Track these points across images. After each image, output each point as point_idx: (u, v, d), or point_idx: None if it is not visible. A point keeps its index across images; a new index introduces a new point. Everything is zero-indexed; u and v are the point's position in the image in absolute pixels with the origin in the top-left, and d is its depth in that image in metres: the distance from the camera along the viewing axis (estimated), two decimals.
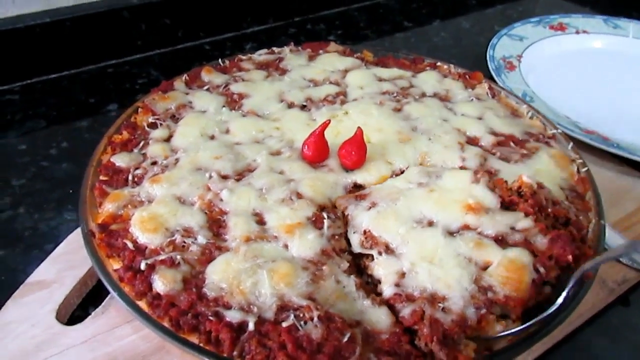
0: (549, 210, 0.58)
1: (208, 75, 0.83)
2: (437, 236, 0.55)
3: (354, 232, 0.58)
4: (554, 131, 0.74)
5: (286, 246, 0.56)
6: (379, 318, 0.50)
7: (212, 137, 0.71)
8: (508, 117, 0.77)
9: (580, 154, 0.70)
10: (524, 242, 0.55)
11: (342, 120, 0.73)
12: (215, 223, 0.58)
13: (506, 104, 0.80)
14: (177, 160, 0.66)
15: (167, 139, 0.71)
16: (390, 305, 0.51)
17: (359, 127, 0.65)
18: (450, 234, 0.56)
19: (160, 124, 0.73)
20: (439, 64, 0.88)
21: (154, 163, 0.67)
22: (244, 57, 0.89)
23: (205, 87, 0.80)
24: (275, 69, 0.86)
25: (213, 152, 0.67)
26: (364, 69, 0.85)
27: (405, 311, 0.50)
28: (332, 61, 0.87)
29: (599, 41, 1.22)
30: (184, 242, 0.55)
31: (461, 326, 0.49)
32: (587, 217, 0.61)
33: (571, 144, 0.72)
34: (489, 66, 1.06)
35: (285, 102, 0.78)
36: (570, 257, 0.53)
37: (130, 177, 0.65)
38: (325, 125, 0.66)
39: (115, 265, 0.55)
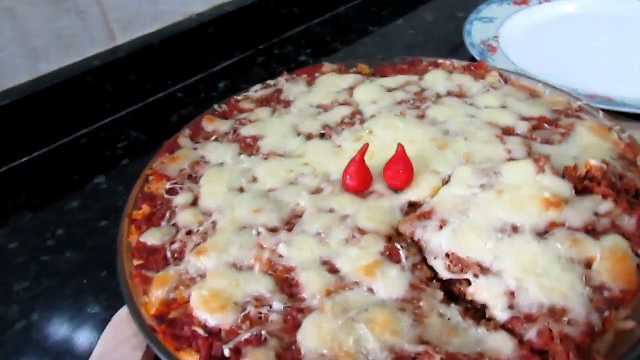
0: (619, 186, 0.56)
1: (211, 124, 0.77)
2: (529, 242, 0.51)
3: (434, 258, 0.54)
4: (579, 103, 0.72)
5: (371, 290, 0.51)
6: (501, 344, 0.46)
7: (242, 190, 0.65)
8: (529, 99, 0.75)
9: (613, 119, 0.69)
10: (612, 226, 0.52)
11: (369, 139, 0.69)
12: (285, 283, 0.53)
13: (521, 87, 0.78)
14: (214, 223, 0.60)
15: (194, 203, 0.65)
16: (509, 329, 0.47)
17: (399, 144, 0.61)
18: (540, 236, 0.52)
19: (180, 188, 0.66)
20: (440, 61, 0.85)
21: (190, 232, 0.60)
22: (239, 98, 0.83)
23: (213, 138, 0.75)
24: (277, 102, 0.81)
25: (250, 206, 0.61)
26: (368, 83, 0.82)
27: (531, 333, 0.46)
28: (332, 82, 0.83)
29: (571, 5, 1.22)
30: (260, 313, 0.50)
31: (590, 335, 0.45)
32: None
33: (601, 112, 0.70)
34: (472, 53, 1.05)
35: (303, 135, 0.73)
36: None
37: (169, 255, 0.58)
38: (364, 149, 0.62)
39: (189, 358, 0.49)
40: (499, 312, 0.48)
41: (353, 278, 0.52)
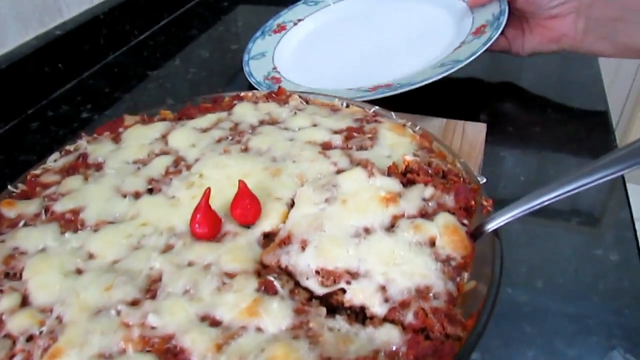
0: (430, 172, 0.66)
1: (12, 208, 0.66)
2: (383, 238, 0.57)
3: (306, 279, 0.55)
4: (373, 109, 0.83)
5: (260, 329, 0.50)
6: (389, 335, 0.50)
7: (80, 271, 0.58)
8: (332, 114, 0.82)
9: (403, 117, 0.81)
10: (439, 206, 0.61)
11: (203, 183, 0.68)
12: (169, 354, 0.49)
13: (322, 104, 0.86)
14: (59, 318, 0.52)
15: (23, 303, 0.55)
16: (390, 320, 0.52)
17: (240, 181, 0.62)
18: (389, 230, 0.58)
19: (0, 291, 0.56)
20: (242, 94, 0.88)
21: (31, 338, 0.51)
22: (38, 172, 0.73)
23: (21, 223, 0.64)
24: (86, 167, 0.73)
25: (98, 286, 0.55)
26: (180, 128, 0.80)
27: (409, 317, 0.51)
28: (141, 134, 0.79)
29: (312, 23, 1.35)
30: None
31: (452, 302, 0.53)
32: (446, 162, 0.72)
33: (392, 113, 0.82)
34: (262, 90, 1.11)
35: (129, 195, 0.68)
36: (473, 202, 0.62)
37: None
38: (207, 194, 0.60)
39: None
40: (378, 308, 0.53)
41: (238, 324, 0.51)
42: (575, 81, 1.27)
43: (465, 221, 0.60)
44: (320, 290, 0.55)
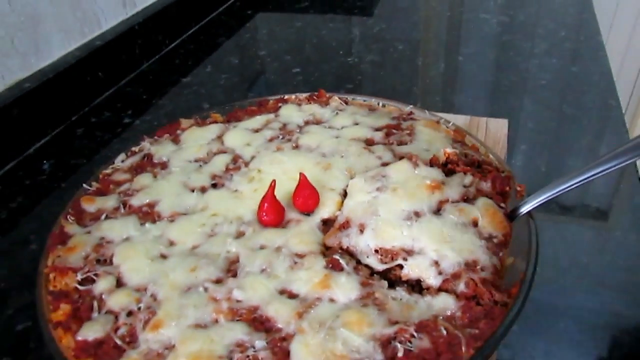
0: (468, 162, 0.74)
1: (91, 204, 0.74)
2: (432, 220, 0.64)
3: (367, 257, 0.63)
4: (408, 108, 0.90)
5: (332, 300, 0.58)
6: (445, 303, 0.58)
7: (164, 256, 0.65)
8: (371, 114, 0.90)
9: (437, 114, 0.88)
10: (478, 191, 0.69)
11: (262, 178, 0.75)
12: (257, 322, 0.56)
13: (361, 105, 0.94)
14: (153, 296, 0.60)
15: (118, 284, 0.63)
16: (444, 290, 0.59)
17: (301, 173, 0.70)
18: (437, 213, 0.66)
19: (96, 275, 0.63)
20: (285, 97, 0.96)
21: (131, 313, 0.59)
22: (108, 171, 0.81)
23: (103, 216, 0.72)
24: (152, 166, 0.81)
25: (184, 268, 0.62)
26: (233, 129, 0.87)
27: (461, 287, 0.58)
28: (198, 135, 0.87)
29: None
30: (248, 356, 0.53)
31: (497, 273, 0.60)
32: (480, 154, 0.79)
33: (426, 111, 0.89)
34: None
35: (197, 190, 0.75)
36: (507, 188, 0.70)
37: (119, 342, 0.56)
38: (273, 186, 0.68)
39: None
40: (433, 280, 0.60)
41: (313, 295, 0.58)
42: (586, 78, 1.34)
43: (502, 204, 0.68)
44: (379, 267, 0.62)
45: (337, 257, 0.62)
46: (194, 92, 1.37)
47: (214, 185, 0.77)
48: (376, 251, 0.63)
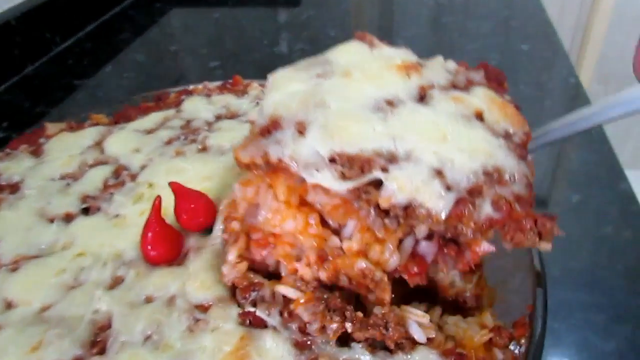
0: None
1: None
2: (417, 110, 0.41)
3: (316, 171, 0.38)
4: None
5: None
6: None
7: None
8: None
9: None
10: (468, 81, 0.46)
11: (154, 195, 0.53)
12: None
13: None
14: None
15: None
16: (456, 221, 0.37)
17: (171, 183, 0.48)
18: (422, 101, 0.43)
19: None
20: (191, 87, 0.74)
21: None
22: None
23: None
24: None
25: (21, 347, 0.40)
26: (118, 132, 0.65)
27: (486, 209, 0.37)
28: (69, 143, 0.63)
29: None
30: None
31: (530, 187, 0.39)
32: None
33: None
34: None
35: (58, 219, 0.53)
36: (505, 83, 0.49)
37: None
38: (158, 206, 0.46)
39: None
40: (436, 202, 0.36)
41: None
42: (540, 56, 1.22)
43: (506, 97, 0.46)
44: (340, 186, 0.38)
45: (251, 308, 0.41)
46: (89, 96, 1.13)
47: (86, 211, 0.54)
48: (333, 160, 0.39)
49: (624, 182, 0.82)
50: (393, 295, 0.55)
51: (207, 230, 0.49)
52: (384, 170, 0.37)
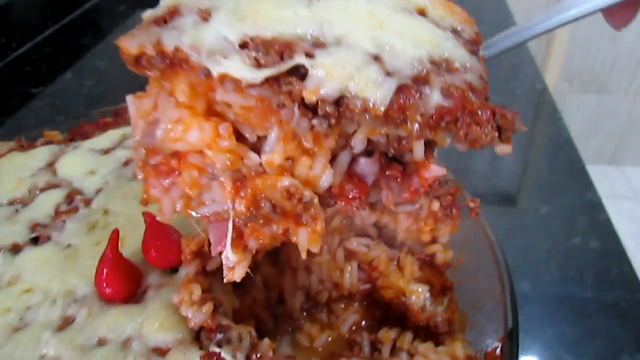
0: None
1: None
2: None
3: (223, 59, 0.31)
4: None
5: None
6: None
7: None
8: None
9: None
10: None
11: (110, 222, 0.50)
12: None
13: None
14: None
15: None
16: (396, 114, 0.31)
17: (145, 213, 0.45)
18: None
19: None
20: None
21: None
22: None
23: None
24: None
25: None
26: (72, 151, 0.61)
27: (435, 97, 0.31)
28: (19, 164, 0.60)
29: None
30: None
31: (486, 86, 0.34)
32: None
33: None
34: None
35: (3, 250, 0.49)
36: None
37: None
38: (115, 238, 0.43)
39: None
40: (374, 91, 0.30)
41: None
42: (507, 60, 1.22)
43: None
44: (256, 75, 0.31)
45: (216, 349, 0.39)
46: (47, 105, 1.08)
47: (35, 240, 0.50)
48: (244, 45, 0.32)
49: (591, 190, 0.82)
50: (364, 322, 0.55)
51: (173, 269, 0.46)
52: (309, 55, 0.31)
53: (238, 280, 0.35)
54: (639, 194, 2.27)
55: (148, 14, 0.35)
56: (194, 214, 0.37)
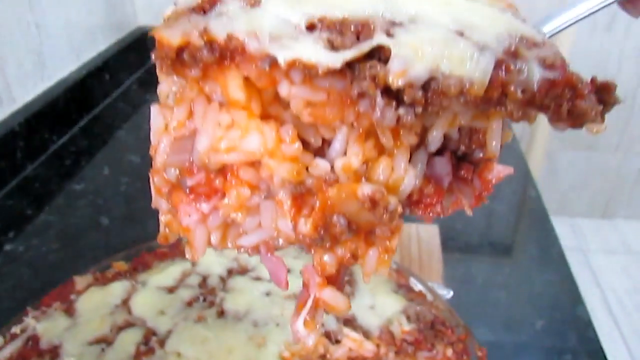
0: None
1: None
2: None
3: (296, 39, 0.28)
4: None
5: None
6: None
7: None
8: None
9: None
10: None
11: None
12: None
13: None
14: None
15: None
16: (495, 91, 0.28)
17: None
18: None
19: None
20: None
21: None
22: None
23: None
24: (38, 356, 0.64)
25: None
26: (142, 290, 0.73)
27: (535, 72, 0.29)
28: (99, 301, 0.70)
29: None
30: None
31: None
32: (429, 304, 0.72)
33: None
34: None
35: None
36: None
37: None
38: None
39: None
40: (471, 65, 0.28)
41: None
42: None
43: None
44: (335, 58, 0.27)
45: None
46: (89, 204, 1.20)
47: None
48: (311, 28, 0.29)
49: (581, 305, 0.92)
50: None
51: None
52: (389, 35, 0.28)
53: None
54: (630, 248, 2.46)
55: (183, 2, 0.30)
56: (231, 245, 0.32)
